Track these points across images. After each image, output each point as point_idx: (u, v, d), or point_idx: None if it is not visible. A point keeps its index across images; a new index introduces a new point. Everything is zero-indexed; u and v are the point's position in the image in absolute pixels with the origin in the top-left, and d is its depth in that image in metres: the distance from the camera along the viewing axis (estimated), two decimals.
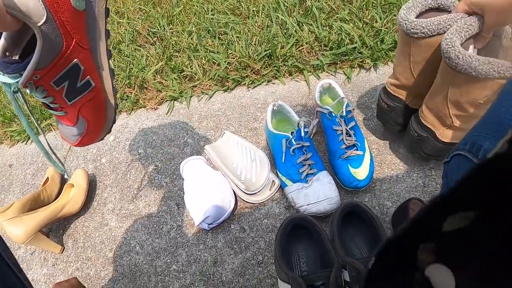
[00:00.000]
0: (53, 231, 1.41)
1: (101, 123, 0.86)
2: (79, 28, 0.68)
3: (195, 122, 1.56)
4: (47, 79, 0.67)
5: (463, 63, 0.79)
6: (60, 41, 0.64)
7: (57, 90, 0.70)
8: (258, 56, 1.64)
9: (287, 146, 1.18)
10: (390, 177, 1.20)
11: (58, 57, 0.65)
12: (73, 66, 0.69)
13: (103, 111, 0.85)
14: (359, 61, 1.54)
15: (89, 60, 0.74)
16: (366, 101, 1.42)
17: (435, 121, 1.02)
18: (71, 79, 0.71)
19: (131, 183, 1.44)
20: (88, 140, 0.87)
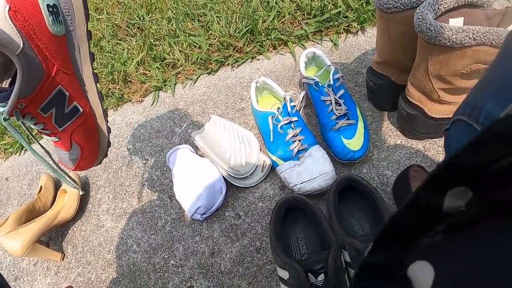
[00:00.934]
0: (53, 239, 1.39)
1: (95, 148, 0.85)
2: (60, 54, 0.66)
3: (181, 110, 1.51)
4: (34, 106, 0.65)
5: (436, 34, 0.77)
6: (41, 69, 0.63)
7: (46, 117, 0.69)
8: (240, 33, 1.58)
9: (274, 123, 1.12)
10: (387, 144, 1.14)
11: (40, 85, 0.64)
12: (57, 93, 0.68)
13: (95, 136, 0.83)
14: (345, 25, 1.47)
15: (74, 86, 0.72)
16: (356, 67, 1.35)
17: (421, 97, 0.99)
18: (58, 105, 0.70)
19: (123, 181, 1.40)
20: (86, 165, 0.86)
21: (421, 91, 0.97)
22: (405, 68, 1.04)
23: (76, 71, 0.72)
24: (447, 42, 0.76)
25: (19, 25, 0.57)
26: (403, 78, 1.07)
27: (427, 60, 0.87)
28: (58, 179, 1.55)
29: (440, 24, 0.76)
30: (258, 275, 1.03)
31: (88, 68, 0.75)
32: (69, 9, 0.65)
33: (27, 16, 0.57)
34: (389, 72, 1.10)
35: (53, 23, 0.62)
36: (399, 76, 1.09)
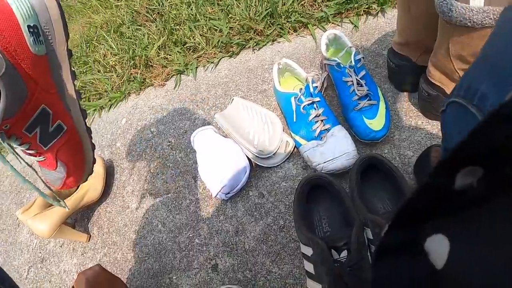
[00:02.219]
0: (78, 221, 1.42)
1: (81, 164, 0.86)
2: (43, 73, 0.67)
3: (203, 93, 1.53)
4: (18, 127, 0.66)
5: (457, 15, 0.77)
6: (24, 89, 0.63)
7: (30, 136, 0.70)
8: (260, 17, 1.59)
9: (296, 104, 1.13)
10: (408, 125, 1.14)
11: (24, 105, 0.64)
12: (41, 112, 0.69)
13: (80, 153, 0.85)
14: (365, 7, 1.47)
15: (57, 104, 0.73)
16: (376, 48, 1.36)
17: (442, 78, 0.99)
18: (42, 124, 0.70)
19: (147, 163, 1.43)
20: (72, 182, 0.87)
21: (442, 72, 0.97)
22: (426, 49, 1.03)
23: (58, 89, 0.73)
24: (467, 22, 0.76)
25: (1, 46, 0.57)
26: (424, 59, 1.06)
27: (448, 41, 0.87)
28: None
29: (461, 5, 0.76)
30: (281, 252, 1.05)
31: (70, 85, 0.76)
32: (49, 29, 0.65)
33: (8, 37, 0.58)
34: (410, 53, 1.11)
35: (34, 43, 0.62)
36: (420, 57, 1.09)
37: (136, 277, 1.19)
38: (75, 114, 0.78)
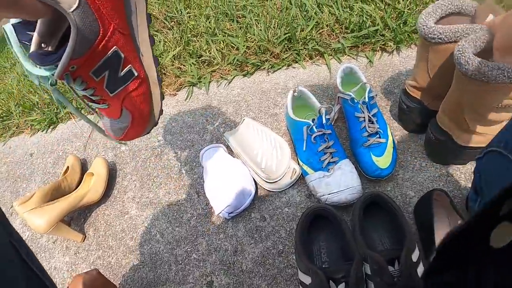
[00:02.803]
0: (75, 219, 1.42)
1: (146, 115, 0.80)
2: (117, 13, 0.62)
3: (214, 108, 1.55)
4: (86, 69, 0.62)
5: (473, 69, 0.80)
6: (97, 28, 0.58)
7: (97, 81, 0.65)
8: (278, 40, 1.61)
9: (308, 133, 1.16)
10: (413, 165, 1.17)
11: (95, 45, 0.60)
12: (112, 54, 0.64)
13: (148, 102, 0.78)
14: (381, 44, 1.50)
15: (130, 47, 0.68)
16: (389, 86, 1.39)
17: (451, 125, 1.02)
18: (112, 68, 0.66)
19: (150, 171, 1.44)
20: (134, 134, 0.81)
21: (451, 119, 1.00)
22: (439, 95, 1.06)
23: (132, 32, 0.68)
24: (483, 77, 0.79)
25: None
26: (435, 104, 1.09)
27: (462, 91, 0.90)
28: (85, 161, 1.59)
29: (478, 59, 0.79)
30: (278, 277, 1.06)
31: (145, 29, 0.70)
32: None
33: None
34: (423, 97, 1.14)
35: None
36: (432, 102, 1.12)
37: (129, 284, 1.20)
38: (147, 61, 0.73)
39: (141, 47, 0.71)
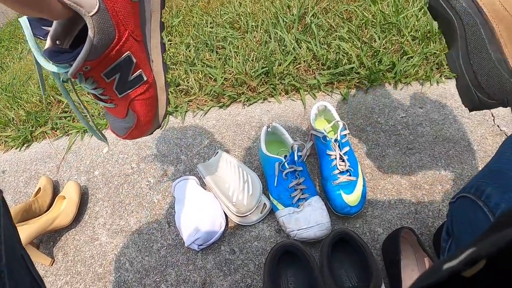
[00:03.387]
0: (44, 242, 1.40)
1: (151, 118, 0.84)
2: (133, 19, 0.66)
3: (189, 138, 1.56)
4: (98, 70, 0.65)
5: None
6: (113, 32, 0.62)
7: (107, 82, 0.69)
8: (255, 73, 1.64)
9: (279, 169, 1.18)
10: (382, 203, 1.19)
11: (110, 49, 0.63)
12: (125, 59, 0.68)
13: (153, 106, 0.82)
14: (356, 81, 1.54)
15: (142, 53, 0.72)
16: (361, 124, 1.42)
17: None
18: (123, 71, 0.69)
19: (123, 198, 1.44)
20: (137, 134, 0.85)
21: None
22: None
23: (145, 38, 0.72)
24: None
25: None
26: None
27: None
28: (57, 183, 1.58)
29: None
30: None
31: (157, 37, 0.74)
32: None
33: None
34: None
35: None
36: None
37: None
38: (156, 66, 0.77)
39: (152, 53, 0.75)
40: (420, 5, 2.00)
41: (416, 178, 1.25)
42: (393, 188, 1.23)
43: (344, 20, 1.80)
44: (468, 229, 0.67)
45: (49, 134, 1.81)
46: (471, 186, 0.68)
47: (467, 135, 1.37)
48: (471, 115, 1.44)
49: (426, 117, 1.45)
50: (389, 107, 1.49)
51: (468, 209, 0.66)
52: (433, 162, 1.29)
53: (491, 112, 1.45)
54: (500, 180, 0.64)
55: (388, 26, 1.71)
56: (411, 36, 1.71)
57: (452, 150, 1.32)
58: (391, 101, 1.51)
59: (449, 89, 1.57)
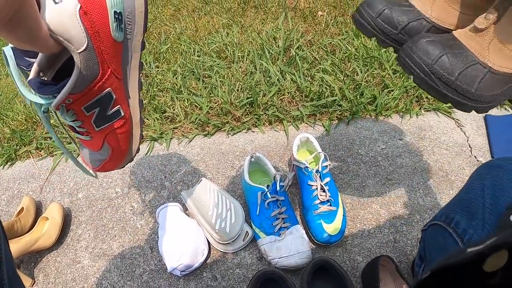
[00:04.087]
0: (24, 263, 1.39)
1: (125, 152, 0.87)
2: (116, 58, 0.70)
3: (173, 165, 1.58)
4: (80, 103, 0.68)
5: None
6: (97, 69, 0.66)
7: (87, 115, 0.72)
8: (240, 103, 1.67)
9: (262, 199, 1.21)
10: (362, 232, 1.23)
11: (93, 84, 0.67)
12: (106, 94, 0.71)
13: (128, 140, 0.85)
14: (338, 113, 1.58)
15: (121, 90, 0.75)
16: (342, 155, 1.46)
17: None
18: (102, 106, 0.73)
19: (106, 222, 1.44)
20: (110, 166, 0.88)
21: None
22: None
23: (125, 76, 0.75)
24: None
25: (86, 25, 0.60)
26: None
27: None
28: (40, 204, 1.57)
29: None
30: None
31: (136, 75, 0.78)
32: (131, 19, 0.69)
33: (95, 18, 0.61)
34: None
35: (116, 29, 0.65)
36: None
37: None
38: (133, 103, 0.81)
39: (130, 90, 0.79)
40: None
41: (395, 207, 1.29)
42: (373, 217, 1.26)
43: (328, 53, 1.85)
44: (439, 254, 0.72)
45: (34, 154, 1.81)
46: (442, 214, 0.74)
47: (444, 166, 1.42)
48: (449, 147, 1.48)
49: (406, 148, 1.49)
50: (369, 139, 1.53)
51: (439, 236, 0.72)
52: (411, 192, 1.33)
53: (468, 143, 1.49)
54: (467, 209, 0.69)
55: (370, 60, 1.76)
56: (392, 69, 1.76)
57: (430, 181, 1.36)
58: (372, 133, 1.56)
59: (428, 121, 1.62)
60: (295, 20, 2.29)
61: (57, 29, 0.56)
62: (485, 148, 1.50)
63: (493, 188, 0.69)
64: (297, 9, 2.50)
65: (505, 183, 0.69)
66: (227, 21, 2.44)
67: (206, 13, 2.71)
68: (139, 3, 0.70)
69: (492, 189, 0.69)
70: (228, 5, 2.72)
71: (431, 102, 1.70)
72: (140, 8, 0.70)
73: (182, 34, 2.39)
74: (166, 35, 2.43)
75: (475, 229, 0.65)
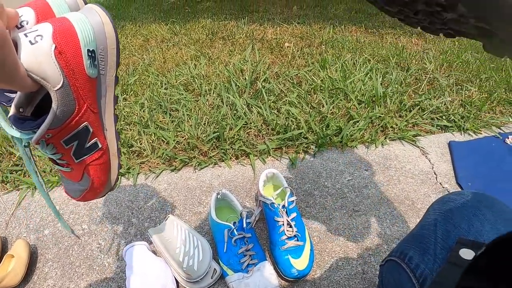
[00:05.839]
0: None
1: (104, 182, 0.89)
2: (91, 94, 0.72)
3: (140, 201, 1.56)
4: (58, 137, 0.70)
5: None
6: (73, 105, 0.68)
7: (66, 148, 0.74)
8: (207, 138, 1.68)
9: (229, 236, 1.20)
10: (330, 265, 1.23)
11: (70, 119, 0.69)
12: (83, 128, 0.73)
13: (107, 171, 0.88)
14: (304, 146, 1.60)
15: (98, 123, 0.78)
16: (309, 188, 1.47)
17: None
18: (80, 139, 0.75)
19: (73, 260, 1.42)
20: (91, 196, 0.90)
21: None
22: None
23: (101, 110, 0.78)
24: None
25: (62, 64, 0.62)
26: None
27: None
28: (5, 240, 1.54)
29: None
30: None
31: (111, 109, 0.80)
32: (104, 56, 0.72)
33: (69, 57, 0.63)
34: None
35: (90, 66, 0.68)
36: None
37: None
38: (110, 135, 0.83)
39: (106, 123, 0.81)
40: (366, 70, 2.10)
41: (362, 239, 1.30)
42: (341, 250, 1.27)
43: (294, 85, 1.88)
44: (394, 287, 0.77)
45: None
46: (397, 250, 0.78)
47: (410, 194, 1.44)
48: (414, 175, 1.51)
49: (372, 179, 1.51)
50: (336, 171, 1.55)
51: (394, 271, 0.75)
52: (378, 223, 1.35)
53: (433, 171, 1.52)
54: (420, 244, 0.73)
55: (336, 91, 1.80)
56: (358, 100, 1.79)
57: (396, 210, 1.38)
58: (338, 164, 1.58)
59: (393, 150, 1.65)
60: (262, 51, 2.32)
61: (33, 69, 0.59)
62: (450, 174, 1.53)
63: (445, 222, 0.73)
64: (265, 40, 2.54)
65: (456, 218, 0.73)
66: (195, 52, 2.47)
67: (175, 44, 2.73)
68: (111, 40, 0.72)
69: (444, 223, 0.73)
70: (196, 36, 2.75)
71: (396, 132, 1.74)
72: (112, 45, 0.73)
73: (150, 65, 2.40)
74: (134, 66, 2.44)
75: (427, 264, 0.69)
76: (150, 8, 4.16)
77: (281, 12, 3.67)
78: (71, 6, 0.72)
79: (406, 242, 0.78)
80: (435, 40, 2.97)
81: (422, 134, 1.79)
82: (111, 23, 0.72)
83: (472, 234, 0.68)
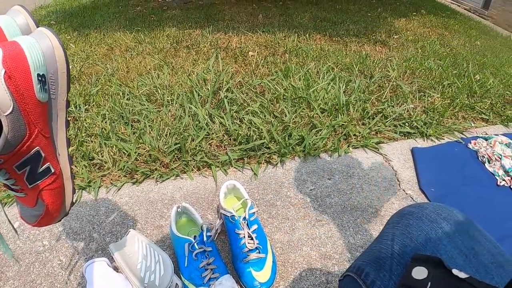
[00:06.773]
0: None
1: (59, 206, 0.87)
2: (42, 118, 0.71)
3: (102, 216, 1.54)
4: (10, 163, 0.69)
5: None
6: (24, 130, 0.67)
7: (19, 173, 0.72)
8: (168, 149, 1.67)
9: (189, 250, 1.19)
10: (293, 276, 1.23)
11: (21, 144, 0.68)
12: (35, 153, 0.72)
13: (61, 195, 0.86)
14: (267, 156, 1.60)
15: (50, 148, 0.76)
16: (271, 199, 1.47)
17: None
18: (33, 164, 0.74)
19: (34, 277, 1.39)
20: (46, 221, 0.88)
21: None
22: None
23: (53, 135, 0.77)
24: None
25: (11, 89, 0.61)
26: None
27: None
28: None
29: None
30: None
31: (63, 133, 0.79)
32: (54, 80, 0.71)
33: (19, 81, 0.62)
34: None
35: (40, 90, 0.67)
36: None
37: None
38: (62, 159, 0.81)
39: (58, 147, 0.80)
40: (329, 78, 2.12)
41: (325, 248, 1.31)
42: (304, 260, 1.27)
43: (257, 94, 1.88)
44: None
45: None
46: (354, 265, 0.78)
47: (374, 202, 1.45)
48: (378, 183, 1.53)
49: (334, 188, 1.52)
50: (298, 181, 1.55)
51: (352, 286, 0.75)
52: (341, 232, 1.35)
53: (396, 177, 1.54)
54: (377, 260, 0.73)
55: (299, 100, 1.80)
56: (320, 109, 1.80)
57: (360, 218, 1.39)
58: (301, 174, 1.58)
59: (356, 158, 1.66)
60: (227, 60, 2.32)
61: None
62: (413, 180, 1.55)
63: (402, 236, 0.73)
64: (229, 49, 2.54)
65: (413, 231, 0.73)
66: (158, 61, 2.45)
67: (139, 53, 2.71)
68: (61, 64, 0.72)
69: (401, 237, 0.73)
70: (161, 45, 2.73)
71: (359, 140, 1.75)
72: (62, 69, 0.72)
73: (113, 75, 2.38)
74: (97, 76, 2.41)
75: (382, 280, 0.69)
76: (116, 16, 4.13)
77: (247, 21, 3.69)
78: (22, 29, 0.71)
79: (363, 257, 0.78)
80: (398, 48, 3.02)
81: (385, 141, 1.82)
82: (61, 47, 0.71)
83: (429, 249, 0.69)
